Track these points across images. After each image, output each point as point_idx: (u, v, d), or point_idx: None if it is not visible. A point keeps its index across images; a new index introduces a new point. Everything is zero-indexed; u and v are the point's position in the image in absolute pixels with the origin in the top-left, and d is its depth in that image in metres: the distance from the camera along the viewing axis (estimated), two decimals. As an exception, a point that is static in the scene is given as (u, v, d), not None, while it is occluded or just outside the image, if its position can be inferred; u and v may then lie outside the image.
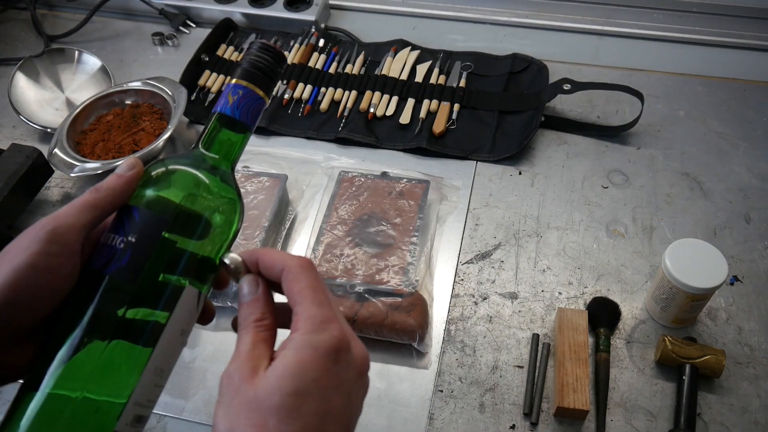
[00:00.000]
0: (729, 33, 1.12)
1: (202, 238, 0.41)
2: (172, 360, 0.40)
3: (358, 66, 1.09)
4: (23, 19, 1.26)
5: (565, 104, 1.03)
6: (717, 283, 0.69)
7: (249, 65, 0.43)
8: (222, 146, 0.43)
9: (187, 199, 0.40)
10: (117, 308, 0.38)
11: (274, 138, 1.01)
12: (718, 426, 0.69)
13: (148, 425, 0.71)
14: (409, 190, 0.86)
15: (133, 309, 0.38)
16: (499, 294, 0.81)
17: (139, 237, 0.39)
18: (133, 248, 0.38)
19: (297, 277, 0.39)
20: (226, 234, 0.42)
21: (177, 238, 0.39)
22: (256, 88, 0.43)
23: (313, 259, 0.79)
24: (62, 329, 0.38)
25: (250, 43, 0.44)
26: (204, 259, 0.41)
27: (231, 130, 0.43)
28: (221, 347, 0.77)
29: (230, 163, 0.44)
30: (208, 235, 0.41)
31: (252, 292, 0.40)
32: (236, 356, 0.37)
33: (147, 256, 0.38)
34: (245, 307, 0.40)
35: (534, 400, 0.71)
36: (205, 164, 0.42)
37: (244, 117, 0.43)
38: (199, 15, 1.21)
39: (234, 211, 0.43)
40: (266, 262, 0.40)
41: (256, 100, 0.43)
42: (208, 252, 0.41)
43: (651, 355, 0.74)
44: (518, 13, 1.19)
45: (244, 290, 0.41)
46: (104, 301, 0.38)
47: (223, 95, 0.43)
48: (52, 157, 0.92)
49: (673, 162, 0.95)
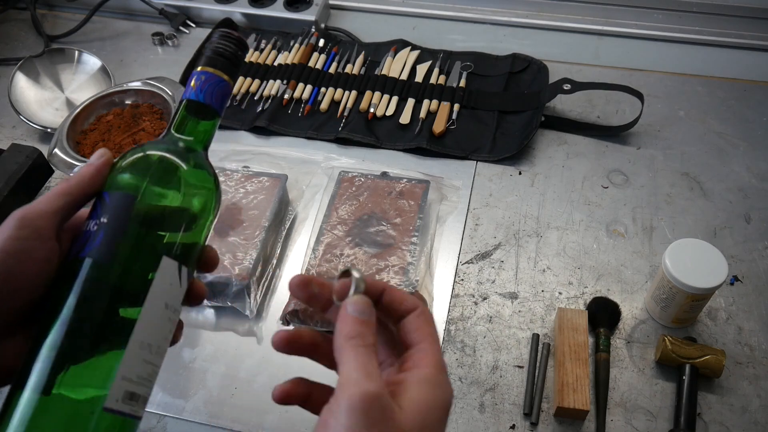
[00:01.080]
0: (729, 33, 1.12)
1: (174, 212, 0.42)
2: (159, 335, 0.41)
3: (358, 66, 1.09)
4: (23, 19, 1.26)
5: (565, 104, 1.03)
6: (717, 283, 0.69)
7: (210, 52, 0.46)
8: (191, 128, 0.45)
9: (155, 176, 0.42)
10: (96, 287, 0.39)
11: (274, 138, 1.01)
12: (718, 426, 0.69)
13: (148, 425, 0.71)
14: (409, 190, 0.86)
15: (111, 285, 0.39)
16: (499, 294, 0.81)
17: (110, 217, 0.40)
18: (105, 228, 0.40)
19: (429, 320, 0.40)
20: (200, 208, 0.44)
21: (147, 212, 0.41)
22: (219, 71, 0.46)
23: (313, 259, 0.79)
24: (45, 318, 0.38)
25: (211, 33, 0.45)
26: (181, 233, 0.42)
27: (198, 112, 0.45)
28: (221, 347, 0.77)
29: (201, 144, 0.46)
30: (180, 209, 0.42)
31: (369, 314, 0.39)
32: (367, 376, 0.35)
33: (120, 233, 0.40)
34: (360, 325, 0.38)
35: (534, 400, 0.71)
36: (176, 146, 0.44)
37: (209, 99, 0.45)
38: (199, 15, 1.21)
39: (206, 188, 0.44)
40: (396, 296, 0.41)
41: (219, 82, 0.46)
42: (183, 226, 0.42)
43: (651, 355, 0.74)
44: (518, 13, 1.19)
45: (359, 307, 0.39)
46: (82, 283, 0.39)
47: (188, 82, 0.46)
48: (52, 157, 0.92)
49: (673, 162, 0.95)
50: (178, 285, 0.42)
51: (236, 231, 0.82)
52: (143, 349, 0.39)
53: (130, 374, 0.38)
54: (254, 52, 1.13)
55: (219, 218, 0.83)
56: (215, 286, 0.78)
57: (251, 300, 0.78)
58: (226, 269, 0.77)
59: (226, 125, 1.02)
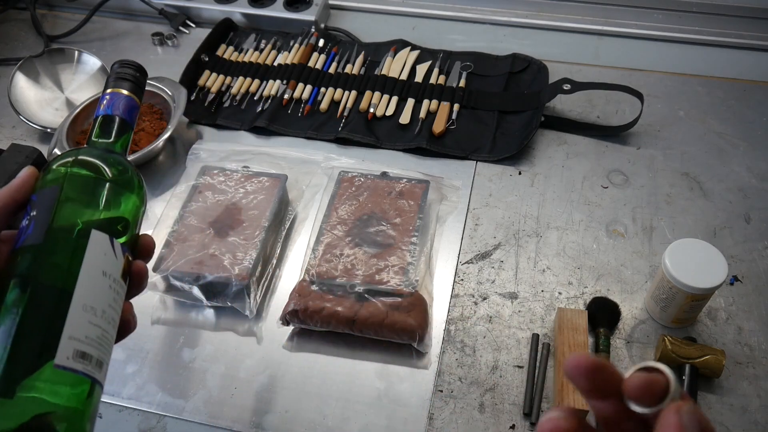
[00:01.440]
0: (729, 33, 1.12)
1: (97, 190, 0.48)
2: (102, 300, 0.44)
3: (357, 66, 1.09)
4: (23, 19, 1.26)
5: (565, 104, 1.03)
6: (717, 283, 0.69)
7: (113, 78, 0.54)
8: (107, 135, 0.52)
9: (77, 165, 0.48)
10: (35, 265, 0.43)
11: (274, 138, 1.01)
12: (718, 426, 0.69)
13: (148, 425, 0.71)
14: (409, 190, 0.86)
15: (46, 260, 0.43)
16: (499, 294, 0.81)
17: (39, 208, 0.45)
18: (35, 218, 0.45)
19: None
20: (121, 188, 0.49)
21: (72, 193, 0.46)
22: (121, 90, 0.54)
23: (313, 259, 0.79)
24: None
25: (113, 64, 0.56)
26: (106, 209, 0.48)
27: (110, 122, 0.53)
28: (221, 347, 0.77)
29: (119, 147, 0.52)
30: (102, 186, 0.48)
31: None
32: None
33: (48, 215, 0.45)
34: None
35: (534, 400, 0.71)
36: (95, 148, 0.51)
37: (117, 111, 0.53)
38: (198, 15, 1.21)
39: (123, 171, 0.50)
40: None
41: (123, 98, 0.53)
42: (107, 202, 0.48)
43: (651, 355, 0.74)
44: (518, 13, 1.19)
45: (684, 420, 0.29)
46: (24, 265, 0.43)
47: (98, 105, 0.53)
48: (52, 157, 0.92)
49: (672, 162, 0.95)
50: (113, 256, 0.46)
51: (236, 231, 0.82)
52: (87, 312, 0.43)
53: (77, 334, 0.42)
54: (254, 52, 1.13)
55: (219, 218, 0.83)
56: (215, 286, 0.78)
57: (251, 300, 0.78)
58: (226, 269, 0.77)
59: (226, 125, 1.02)
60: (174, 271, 0.78)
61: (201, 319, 0.80)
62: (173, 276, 0.78)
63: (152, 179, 0.96)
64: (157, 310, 0.81)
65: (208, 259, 0.79)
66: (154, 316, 0.80)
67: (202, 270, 0.78)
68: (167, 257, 0.79)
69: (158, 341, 0.78)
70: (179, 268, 0.78)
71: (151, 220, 0.90)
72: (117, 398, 0.73)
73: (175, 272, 0.78)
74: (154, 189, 0.95)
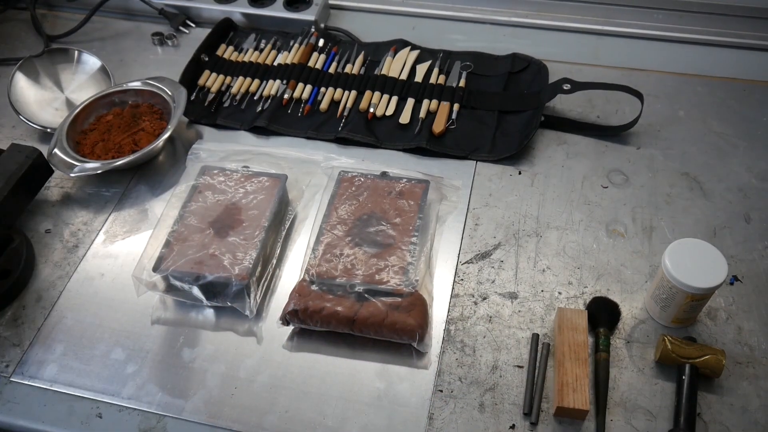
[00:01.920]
0: (729, 33, 1.12)
1: None
2: None
3: (357, 66, 1.09)
4: (23, 19, 1.26)
5: (565, 104, 1.03)
6: (717, 283, 0.69)
7: None
8: None
9: None
10: None
11: (274, 138, 1.01)
12: (718, 426, 0.69)
13: (148, 425, 0.71)
14: (408, 190, 0.86)
15: None
16: (498, 294, 0.81)
17: None
18: None
19: None
20: None
21: None
22: None
23: (313, 259, 0.79)
24: None
25: None
26: None
27: None
28: (221, 347, 0.77)
29: None
30: None
31: None
32: None
33: None
34: None
35: (534, 399, 0.71)
36: None
37: None
38: (198, 15, 1.21)
39: None
40: None
41: None
42: None
43: (651, 355, 0.74)
44: (518, 13, 1.19)
45: None
46: None
47: None
48: (52, 157, 0.92)
49: (673, 162, 0.95)
50: None
51: (236, 231, 0.82)
52: None
53: None
54: (254, 52, 1.13)
55: (219, 218, 0.83)
56: (215, 286, 0.78)
57: (251, 300, 0.78)
58: (226, 269, 0.77)
59: (226, 125, 1.02)
60: (174, 271, 0.78)
61: (201, 319, 0.80)
62: (173, 276, 0.78)
63: (152, 179, 0.96)
64: (157, 310, 0.81)
65: (208, 259, 0.79)
66: (154, 316, 0.80)
67: (202, 270, 0.78)
68: (167, 257, 0.79)
69: (158, 341, 0.78)
70: (179, 268, 0.78)
71: (151, 220, 0.90)
72: (117, 398, 0.73)
73: (175, 272, 0.78)
74: (154, 189, 0.95)
